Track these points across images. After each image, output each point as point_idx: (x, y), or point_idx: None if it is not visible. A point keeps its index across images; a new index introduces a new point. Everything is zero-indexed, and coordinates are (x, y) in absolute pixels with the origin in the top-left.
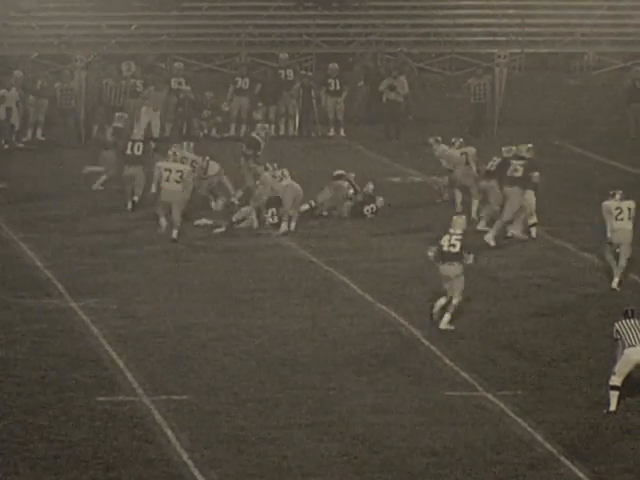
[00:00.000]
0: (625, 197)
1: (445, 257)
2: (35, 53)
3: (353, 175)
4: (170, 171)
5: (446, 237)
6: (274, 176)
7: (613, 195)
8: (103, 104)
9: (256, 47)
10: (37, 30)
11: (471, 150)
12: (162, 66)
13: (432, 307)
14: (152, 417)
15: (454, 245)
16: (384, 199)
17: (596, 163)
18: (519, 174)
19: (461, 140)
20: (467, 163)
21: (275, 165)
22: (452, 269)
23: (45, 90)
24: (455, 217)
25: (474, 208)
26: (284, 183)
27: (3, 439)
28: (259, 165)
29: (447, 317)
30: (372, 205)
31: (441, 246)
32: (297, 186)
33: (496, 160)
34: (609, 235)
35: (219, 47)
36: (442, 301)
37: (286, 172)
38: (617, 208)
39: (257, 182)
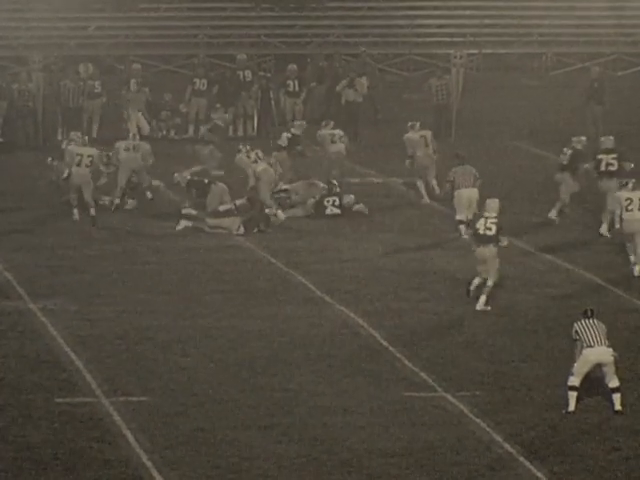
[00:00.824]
0: (636, 187)
1: (481, 240)
2: None
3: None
4: (82, 156)
5: (481, 220)
6: (248, 157)
7: (625, 185)
8: (61, 106)
9: (214, 48)
10: None
11: (428, 133)
12: (121, 67)
13: (468, 285)
14: (111, 418)
15: (490, 228)
16: (361, 204)
17: (554, 164)
18: (614, 168)
19: (418, 124)
20: (426, 145)
21: (248, 147)
22: (488, 251)
23: (3, 92)
24: (489, 200)
25: (435, 185)
26: (260, 167)
27: None
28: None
29: (483, 299)
30: (334, 198)
31: (477, 229)
32: (271, 170)
33: (567, 152)
34: (619, 225)
35: (177, 48)
36: (477, 281)
37: (260, 153)
38: (627, 199)
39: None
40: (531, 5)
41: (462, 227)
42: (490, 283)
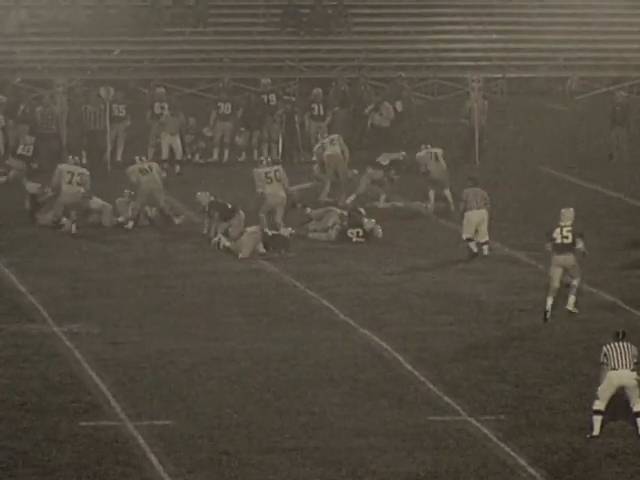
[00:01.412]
0: None
1: (560, 249)
2: (18, 78)
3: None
4: (72, 174)
5: (557, 230)
6: (266, 175)
7: None
8: (84, 129)
9: (239, 72)
10: (20, 55)
11: (439, 150)
12: (145, 91)
13: (545, 312)
14: (135, 442)
15: (567, 237)
16: (380, 227)
17: (578, 187)
18: None
19: (430, 145)
20: (437, 160)
21: (269, 159)
22: (569, 259)
23: (26, 115)
24: (563, 210)
25: (450, 199)
26: (271, 189)
27: None
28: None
29: (572, 299)
30: (358, 229)
31: (554, 239)
32: (282, 193)
33: None
34: None
35: (201, 72)
36: (550, 301)
37: (281, 171)
38: None
39: None
40: (556, 29)
41: (471, 244)
42: (576, 283)
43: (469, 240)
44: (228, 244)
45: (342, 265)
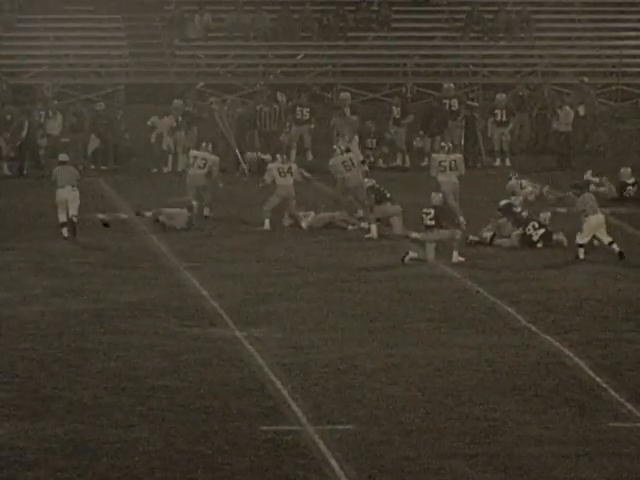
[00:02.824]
0: None
1: None
2: (201, 82)
3: (520, 199)
4: (196, 158)
5: None
6: (279, 170)
7: None
8: (258, 130)
9: (421, 77)
10: (203, 59)
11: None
12: (328, 95)
13: None
14: (316, 446)
15: None
16: (563, 235)
17: None
18: None
19: (450, 145)
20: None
21: (284, 157)
22: None
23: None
24: None
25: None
26: (284, 182)
27: (166, 468)
28: None
29: None
30: (541, 230)
31: None
32: (291, 188)
33: None
34: None
35: (384, 77)
36: None
37: (294, 167)
38: None
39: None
40: None
41: (581, 250)
42: None
43: (581, 246)
44: (415, 235)
45: (525, 271)
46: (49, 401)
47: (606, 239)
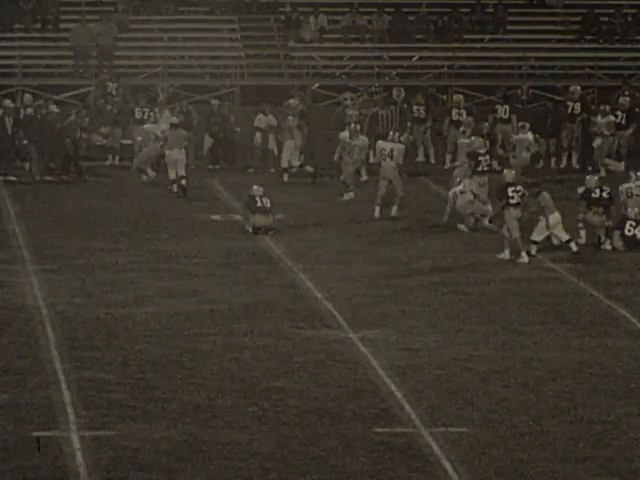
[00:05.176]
0: None
1: None
2: (316, 84)
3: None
4: (385, 149)
5: None
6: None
7: None
8: (372, 130)
9: (537, 79)
10: (318, 61)
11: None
12: (443, 97)
13: None
14: (430, 449)
15: None
16: None
17: None
18: None
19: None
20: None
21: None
22: None
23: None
24: None
25: None
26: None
27: (280, 469)
28: None
29: None
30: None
31: None
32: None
33: None
34: None
35: (499, 79)
36: None
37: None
38: None
39: None
40: None
41: (534, 247)
42: None
43: None
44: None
45: (639, 273)
46: (163, 402)
47: (564, 237)
